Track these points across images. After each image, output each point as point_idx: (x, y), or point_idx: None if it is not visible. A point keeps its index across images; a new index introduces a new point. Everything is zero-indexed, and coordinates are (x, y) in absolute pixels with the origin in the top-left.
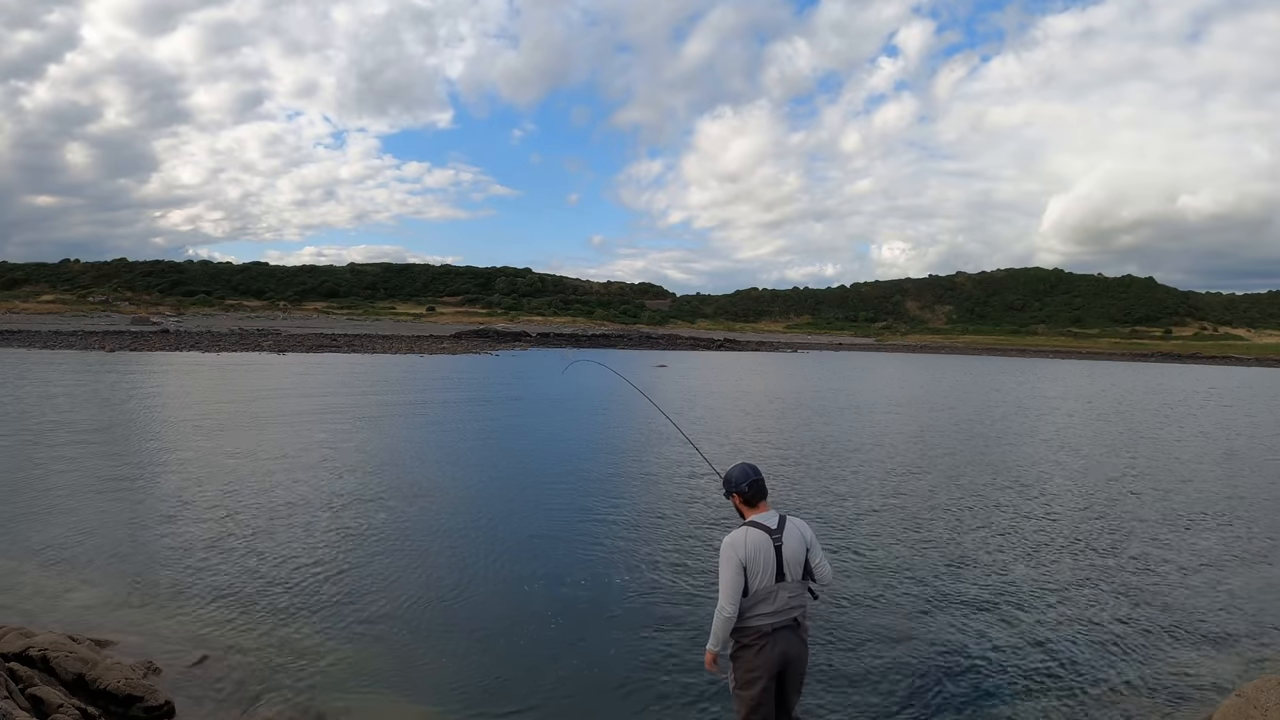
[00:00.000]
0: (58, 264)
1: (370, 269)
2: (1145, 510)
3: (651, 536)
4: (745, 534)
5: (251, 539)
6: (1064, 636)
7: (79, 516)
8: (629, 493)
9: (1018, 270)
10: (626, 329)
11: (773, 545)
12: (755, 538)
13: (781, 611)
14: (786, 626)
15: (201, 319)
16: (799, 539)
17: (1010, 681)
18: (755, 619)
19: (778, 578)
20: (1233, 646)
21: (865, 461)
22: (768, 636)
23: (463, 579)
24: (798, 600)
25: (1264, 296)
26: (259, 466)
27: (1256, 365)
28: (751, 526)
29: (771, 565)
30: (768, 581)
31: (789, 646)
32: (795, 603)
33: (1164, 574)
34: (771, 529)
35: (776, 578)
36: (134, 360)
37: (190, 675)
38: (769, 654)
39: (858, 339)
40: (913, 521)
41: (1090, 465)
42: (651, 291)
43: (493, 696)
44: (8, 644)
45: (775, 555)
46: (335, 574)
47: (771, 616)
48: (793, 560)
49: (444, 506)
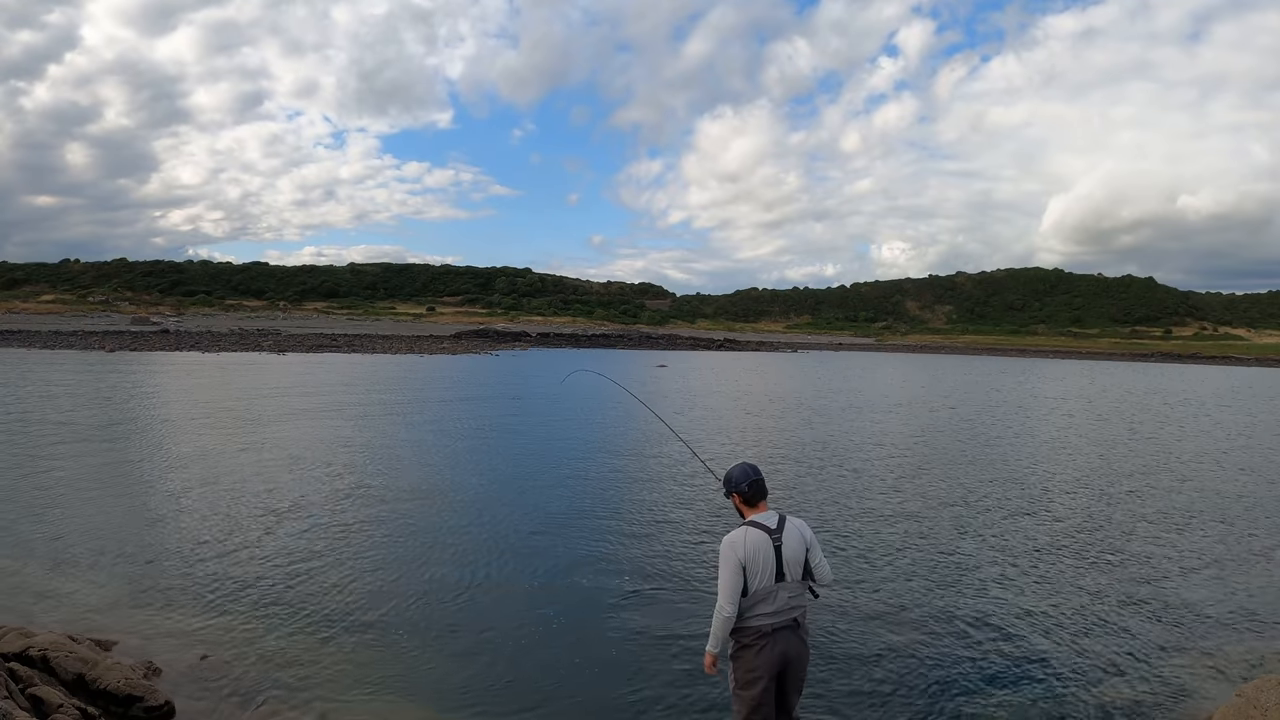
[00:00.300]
0: (58, 264)
1: (370, 269)
2: (1146, 510)
3: (652, 536)
4: (745, 534)
5: (252, 539)
6: (1064, 636)
7: (79, 516)
8: (629, 493)
9: (1018, 270)
10: (626, 329)
11: (772, 545)
12: (754, 537)
13: (782, 612)
14: (786, 627)
15: (201, 319)
16: (799, 539)
17: (1009, 680)
18: (755, 619)
19: (778, 578)
20: (1233, 646)
21: (866, 461)
22: (768, 636)
23: (464, 579)
24: (798, 600)
25: (1264, 296)
26: (259, 466)
27: (1256, 365)
28: (751, 526)
29: (771, 565)
30: (768, 582)
31: (789, 647)
32: (795, 603)
33: (1164, 573)
34: (771, 529)
35: (776, 578)
36: (134, 360)
37: (190, 675)
38: (769, 654)
39: (858, 339)
40: (914, 520)
41: (1090, 465)
42: (651, 291)
43: (494, 697)
44: (8, 644)
45: (775, 555)
46: (336, 574)
47: (772, 617)
48: (792, 560)
49: (444, 506)
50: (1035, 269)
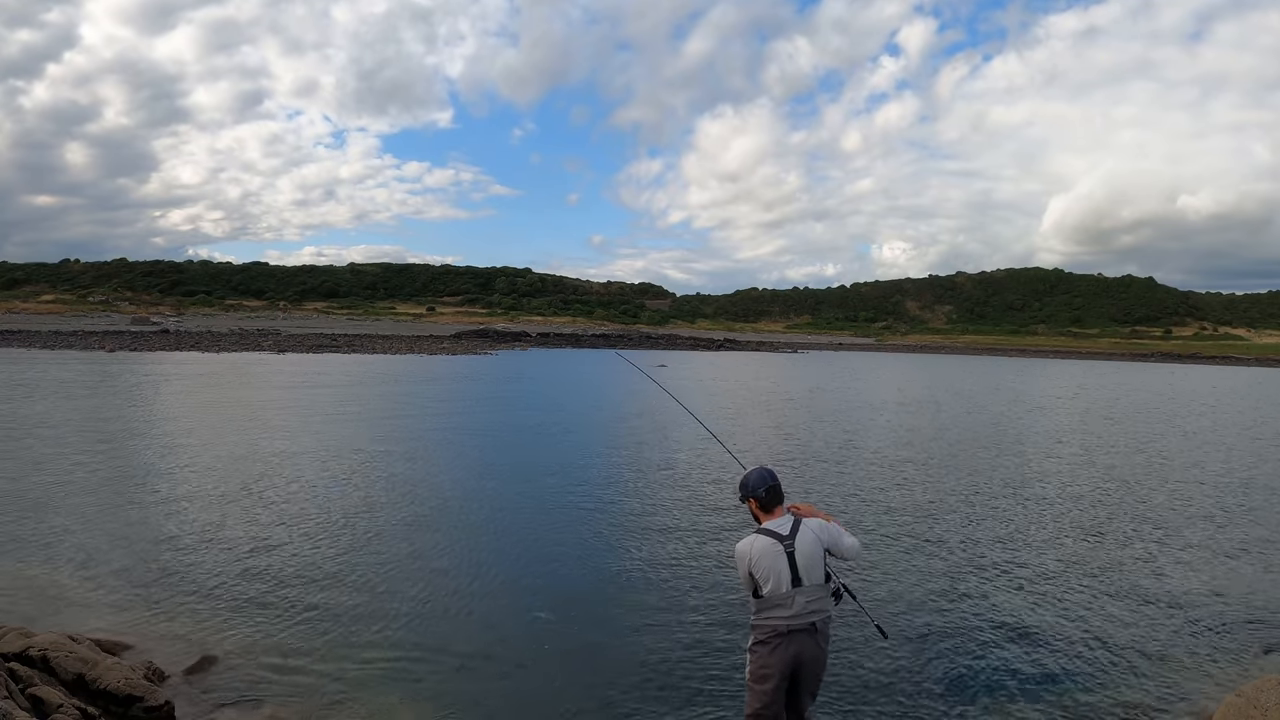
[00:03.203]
0: (58, 264)
1: (370, 269)
2: (1147, 509)
3: (662, 539)
4: (752, 542)
5: (252, 540)
6: (1064, 635)
7: (79, 517)
8: (639, 493)
9: (1018, 270)
10: (626, 329)
11: (784, 552)
12: (762, 545)
13: (798, 615)
14: (803, 630)
15: (201, 319)
16: (813, 542)
17: (1009, 680)
18: (772, 619)
19: (793, 583)
20: (1233, 646)
21: (872, 461)
22: (783, 636)
23: (465, 580)
24: (816, 605)
25: (1264, 296)
26: (259, 467)
27: (1256, 365)
28: (761, 534)
29: (785, 572)
30: (782, 587)
31: (803, 649)
32: (813, 607)
33: (1165, 573)
34: (783, 535)
35: (792, 583)
36: (134, 360)
37: (190, 676)
38: (782, 654)
39: (858, 339)
40: (916, 519)
41: (1093, 465)
42: (651, 291)
43: (494, 697)
44: (8, 644)
45: (788, 561)
46: (336, 575)
47: (788, 619)
48: (808, 565)
49: (445, 507)
50: (1035, 269)
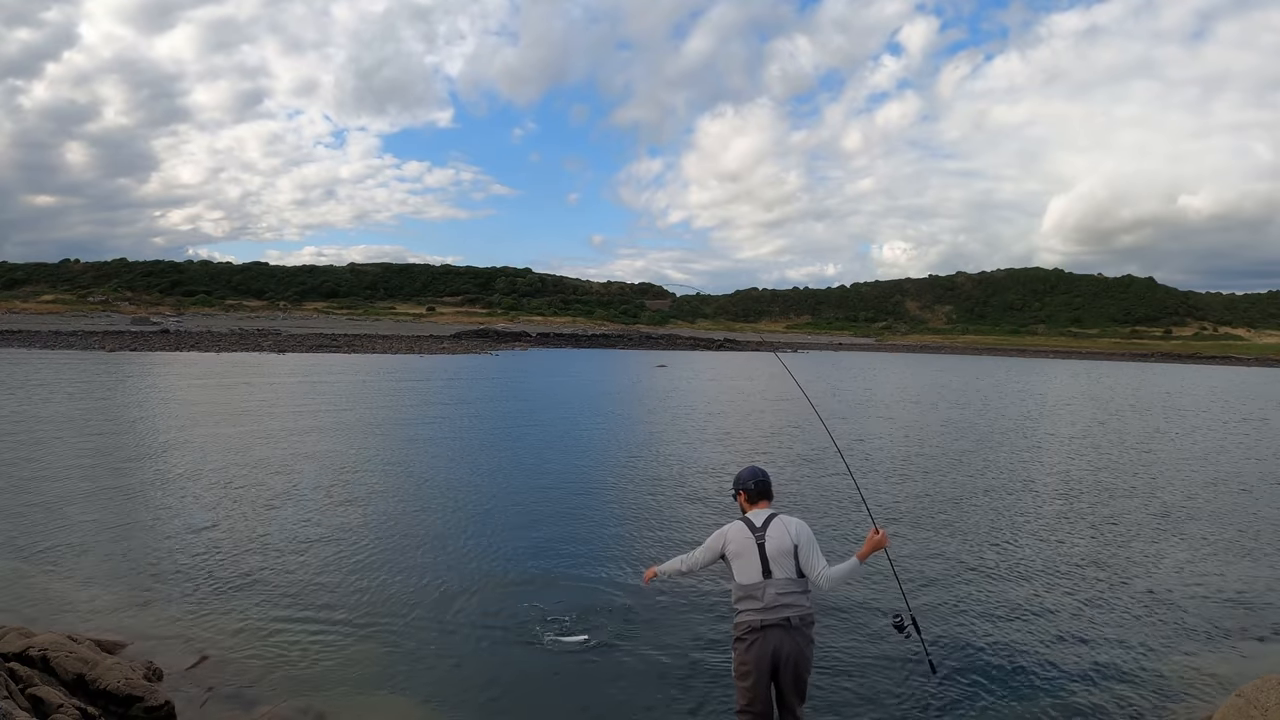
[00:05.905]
0: (57, 264)
1: (370, 269)
2: (1148, 509)
3: (658, 537)
4: (729, 528)
5: (251, 540)
6: (1064, 635)
7: (80, 517)
8: (637, 492)
9: (1018, 270)
10: (626, 329)
11: (755, 542)
12: (737, 530)
13: (771, 609)
14: (777, 625)
15: (201, 319)
16: (783, 535)
17: (1008, 679)
18: (745, 614)
19: (764, 574)
20: (1233, 646)
21: (871, 458)
22: (758, 632)
23: (465, 579)
24: (790, 599)
25: (1264, 296)
26: (259, 467)
27: (1256, 365)
28: (740, 520)
29: (755, 560)
30: (754, 577)
31: (780, 645)
32: (786, 601)
33: (1165, 573)
34: (756, 525)
35: (763, 574)
36: (134, 360)
37: (190, 676)
38: (759, 650)
39: (858, 339)
40: (914, 519)
41: (1092, 464)
42: (651, 291)
43: (494, 697)
44: (8, 644)
45: (758, 552)
46: (336, 574)
47: (761, 613)
48: (777, 557)
49: (446, 507)
50: (1035, 269)
